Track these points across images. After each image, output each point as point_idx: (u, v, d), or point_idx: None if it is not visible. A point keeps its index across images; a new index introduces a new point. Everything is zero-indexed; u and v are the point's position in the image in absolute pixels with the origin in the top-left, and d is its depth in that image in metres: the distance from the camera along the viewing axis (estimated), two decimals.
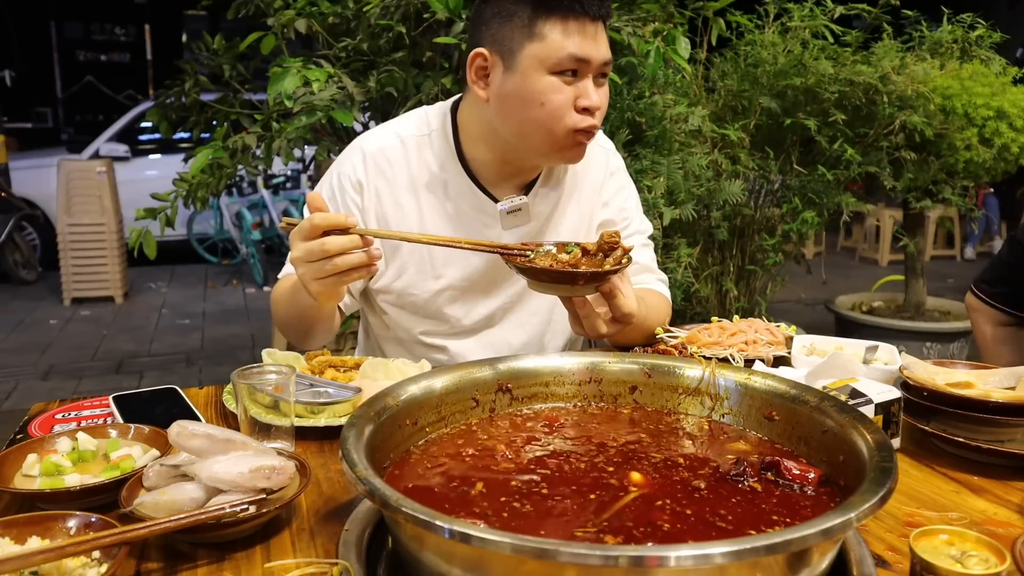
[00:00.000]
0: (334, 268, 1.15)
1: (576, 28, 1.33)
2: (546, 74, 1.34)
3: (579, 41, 1.33)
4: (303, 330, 1.47)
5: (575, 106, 1.35)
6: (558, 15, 1.32)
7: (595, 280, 1.19)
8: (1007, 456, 1.10)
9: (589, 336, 1.31)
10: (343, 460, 0.78)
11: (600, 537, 0.76)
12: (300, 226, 1.17)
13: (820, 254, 8.00)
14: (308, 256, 1.16)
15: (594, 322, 1.27)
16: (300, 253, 1.17)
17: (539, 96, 1.35)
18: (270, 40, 2.75)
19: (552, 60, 1.33)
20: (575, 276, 1.18)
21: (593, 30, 1.35)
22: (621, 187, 1.64)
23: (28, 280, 7.19)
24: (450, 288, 1.53)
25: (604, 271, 1.18)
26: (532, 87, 1.35)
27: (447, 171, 1.49)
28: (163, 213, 2.83)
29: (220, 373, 4.75)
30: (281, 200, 7.64)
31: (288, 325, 1.49)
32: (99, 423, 1.24)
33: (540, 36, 1.33)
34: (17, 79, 11.44)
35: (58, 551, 0.77)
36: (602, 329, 1.28)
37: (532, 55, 1.34)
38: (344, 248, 1.15)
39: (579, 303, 1.26)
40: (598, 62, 1.36)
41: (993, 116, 3.28)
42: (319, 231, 1.15)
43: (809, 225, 2.94)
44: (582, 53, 1.33)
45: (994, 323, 1.97)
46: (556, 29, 1.32)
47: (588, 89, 1.36)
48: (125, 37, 14.53)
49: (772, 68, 2.95)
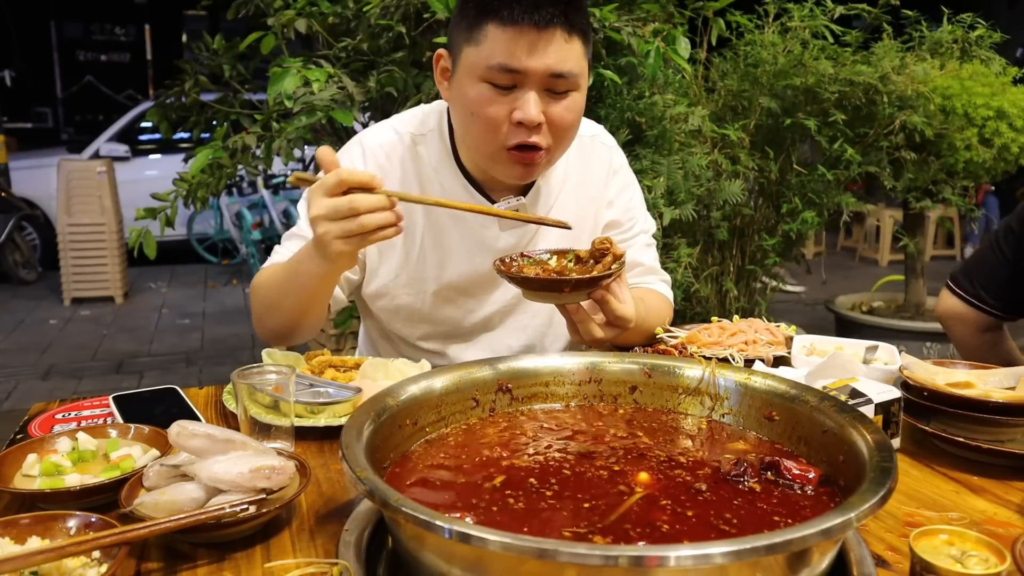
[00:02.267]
0: (360, 227, 1.10)
1: (512, 36, 1.23)
2: (478, 82, 1.27)
3: (512, 50, 1.23)
4: (294, 314, 1.35)
5: (511, 119, 1.27)
6: (496, 20, 1.23)
7: (583, 287, 1.19)
8: (1007, 456, 1.10)
9: (586, 342, 1.29)
10: (343, 460, 0.78)
11: (601, 537, 0.76)
12: (323, 181, 1.10)
13: (820, 254, 8.00)
14: (334, 213, 1.09)
15: (589, 327, 1.26)
16: (324, 210, 1.10)
17: (470, 105, 1.28)
18: (270, 40, 2.75)
19: (481, 67, 1.25)
20: (562, 283, 1.17)
21: (534, 39, 1.23)
22: (625, 185, 1.62)
23: (28, 280, 7.19)
24: (447, 289, 1.51)
25: (591, 277, 1.18)
26: (465, 94, 1.29)
27: (442, 172, 1.46)
28: (163, 213, 2.84)
29: (220, 373, 4.75)
30: (281, 200, 7.64)
31: (277, 308, 1.36)
32: (99, 423, 1.24)
33: (476, 41, 1.26)
34: (17, 79, 11.45)
35: (58, 551, 0.77)
36: (598, 334, 1.26)
37: (467, 60, 1.28)
38: (373, 207, 1.10)
39: (572, 309, 1.25)
40: (540, 74, 1.25)
41: (993, 116, 3.27)
42: (345, 187, 1.10)
43: (809, 225, 2.94)
44: (513, 63, 1.23)
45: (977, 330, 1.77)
46: (492, 35, 1.24)
47: (526, 102, 1.25)
48: (125, 37, 14.55)
49: (772, 68, 2.95)
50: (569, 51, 1.26)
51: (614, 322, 1.26)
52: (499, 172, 1.37)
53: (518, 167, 1.33)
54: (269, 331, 1.42)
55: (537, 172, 1.39)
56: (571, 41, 1.27)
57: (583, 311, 1.26)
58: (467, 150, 1.41)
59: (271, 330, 1.41)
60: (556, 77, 1.26)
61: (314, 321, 1.40)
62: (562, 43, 1.25)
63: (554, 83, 1.27)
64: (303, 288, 1.30)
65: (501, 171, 1.36)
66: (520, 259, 1.29)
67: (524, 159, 1.32)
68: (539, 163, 1.34)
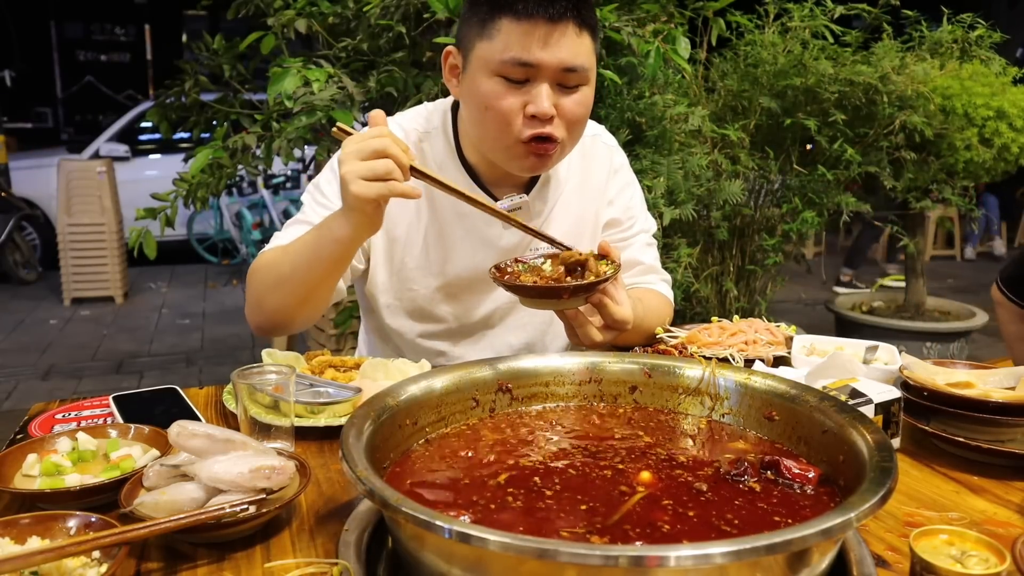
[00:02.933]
0: (386, 170, 1.11)
1: (526, 30, 1.25)
2: (491, 76, 1.28)
3: (526, 44, 1.25)
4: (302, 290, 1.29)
5: (525, 113, 1.29)
6: (510, 14, 1.25)
7: (580, 292, 1.19)
8: (1007, 456, 1.10)
9: (585, 345, 1.29)
10: (343, 460, 0.78)
11: (600, 537, 0.76)
12: (366, 131, 1.15)
13: (820, 254, 8.00)
14: (363, 152, 1.12)
15: (587, 331, 1.27)
16: (354, 147, 1.13)
17: (483, 99, 1.30)
18: (270, 40, 2.75)
19: (495, 62, 1.27)
20: (559, 291, 1.18)
21: (547, 32, 1.25)
22: (626, 184, 1.63)
23: (28, 280, 7.18)
24: (449, 285, 1.52)
25: (587, 283, 1.18)
26: (478, 89, 1.30)
27: (446, 170, 1.47)
28: (163, 213, 2.84)
29: (220, 373, 4.75)
30: (281, 200, 7.64)
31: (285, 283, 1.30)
32: (99, 423, 1.24)
33: (489, 36, 1.27)
34: (17, 79, 11.44)
35: (58, 551, 0.77)
36: (596, 337, 1.27)
37: (480, 55, 1.29)
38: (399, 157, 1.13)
39: (571, 314, 1.26)
40: (552, 68, 1.27)
41: (993, 116, 3.27)
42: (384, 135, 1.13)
43: (809, 225, 2.94)
44: (527, 57, 1.25)
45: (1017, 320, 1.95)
46: (506, 29, 1.26)
47: (539, 95, 1.27)
48: (125, 37, 14.55)
49: (772, 68, 2.95)
50: (580, 45, 1.29)
51: (612, 324, 1.27)
52: (513, 166, 1.38)
53: (532, 159, 1.35)
54: (267, 314, 1.35)
55: (550, 164, 1.40)
56: (582, 36, 1.29)
57: (581, 315, 1.27)
58: (479, 144, 1.41)
59: (270, 312, 1.35)
60: (568, 71, 1.28)
61: (319, 303, 1.36)
62: (574, 37, 1.27)
63: (566, 77, 1.29)
64: (318, 258, 1.26)
65: (516, 165, 1.37)
66: (516, 265, 1.30)
67: (539, 150, 1.33)
68: (553, 155, 1.36)
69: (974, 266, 8.38)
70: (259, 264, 1.37)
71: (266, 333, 1.41)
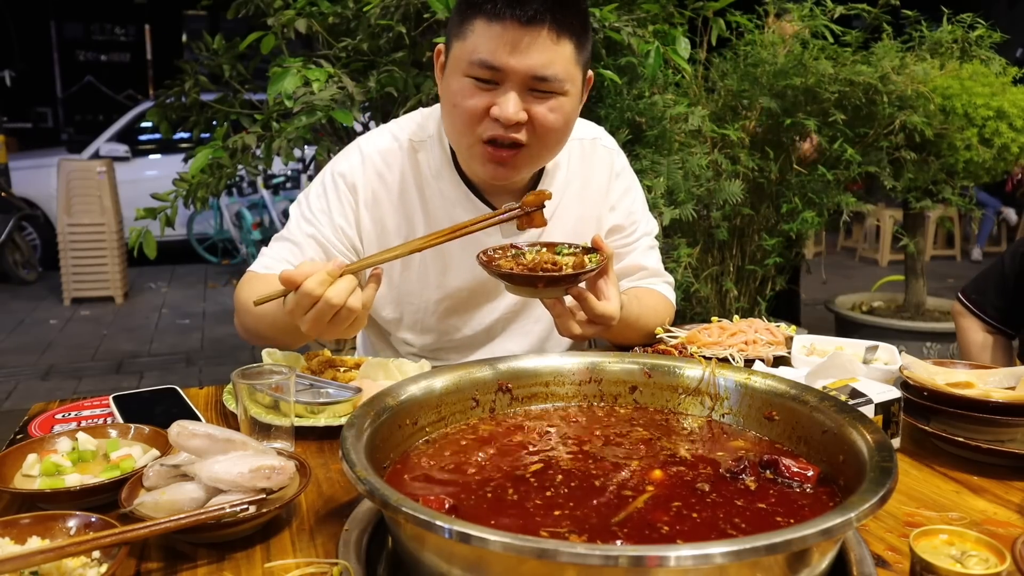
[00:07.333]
0: (325, 312, 1.08)
1: (497, 32, 1.21)
2: (462, 76, 1.26)
3: (494, 47, 1.21)
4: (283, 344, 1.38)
5: (489, 114, 1.26)
6: (482, 15, 1.23)
7: (558, 284, 1.18)
8: (1007, 456, 1.10)
9: (564, 335, 1.29)
10: (343, 460, 0.78)
11: (600, 537, 0.76)
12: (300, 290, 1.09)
13: (820, 254, 8.00)
14: (300, 309, 1.09)
15: (566, 322, 1.26)
16: (291, 306, 1.10)
17: (452, 97, 1.28)
18: (270, 40, 2.75)
19: (465, 62, 1.25)
20: (534, 280, 1.17)
21: (518, 36, 1.21)
22: (627, 188, 1.61)
23: (28, 280, 7.19)
24: (449, 298, 1.50)
25: (563, 275, 1.17)
26: (449, 88, 1.29)
27: (442, 179, 1.44)
28: (163, 213, 2.84)
29: (220, 373, 4.75)
30: (281, 200, 7.64)
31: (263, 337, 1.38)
32: (99, 423, 1.24)
33: (463, 36, 1.25)
34: (17, 79, 11.44)
35: (58, 551, 0.77)
36: (576, 330, 1.26)
37: (455, 55, 1.28)
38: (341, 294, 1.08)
39: (550, 304, 1.26)
40: (520, 74, 1.22)
41: (993, 116, 3.27)
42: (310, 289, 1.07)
43: (809, 225, 2.94)
44: (493, 60, 1.22)
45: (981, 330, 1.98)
46: (478, 31, 1.23)
47: (505, 100, 1.23)
48: (125, 37, 14.53)
49: (772, 68, 2.95)
50: (556, 54, 1.23)
51: (594, 319, 1.25)
52: (476, 168, 1.35)
53: (491, 165, 1.31)
54: (253, 339, 1.43)
55: (518, 172, 1.36)
56: (560, 43, 1.24)
57: (561, 306, 1.26)
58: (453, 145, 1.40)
59: (254, 340, 1.42)
60: (538, 79, 1.24)
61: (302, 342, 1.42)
62: (548, 44, 1.22)
63: (537, 85, 1.25)
64: (289, 330, 1.25)
65: (478, 166, 1.34)
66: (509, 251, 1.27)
67: (496, 156, 1.29)
68: (519, 163, 1.32)
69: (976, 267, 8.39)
70: (243, 298, 1.36)
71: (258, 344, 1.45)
